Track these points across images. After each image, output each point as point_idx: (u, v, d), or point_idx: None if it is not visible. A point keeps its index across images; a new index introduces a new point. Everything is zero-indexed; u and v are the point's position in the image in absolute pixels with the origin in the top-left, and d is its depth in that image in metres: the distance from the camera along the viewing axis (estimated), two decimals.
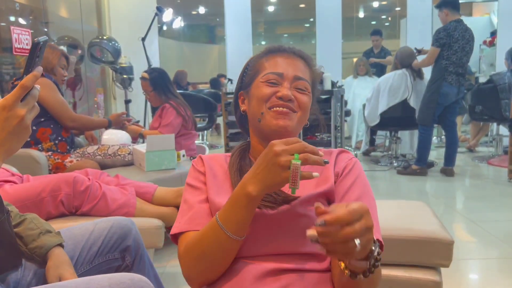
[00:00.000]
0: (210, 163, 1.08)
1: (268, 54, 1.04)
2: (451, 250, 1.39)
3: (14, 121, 0.81)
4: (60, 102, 2.66)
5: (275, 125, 0.96)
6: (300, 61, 1.03)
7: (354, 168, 1.02)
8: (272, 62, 1.02)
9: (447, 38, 4.16)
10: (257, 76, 1.02)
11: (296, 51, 1.05)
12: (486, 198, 3.75)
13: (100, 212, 1.72)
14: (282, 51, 1.04)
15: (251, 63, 1.07)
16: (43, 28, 5.08)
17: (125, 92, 4.96)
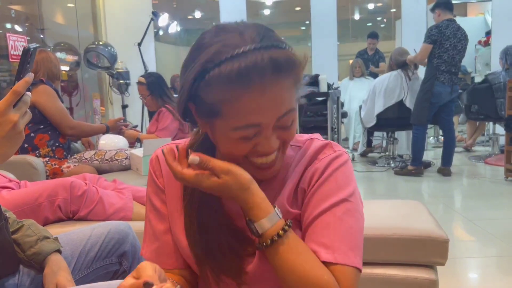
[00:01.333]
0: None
1: (227, 85, 0.66)
2: (447, 249, 1.40)
3: (7, 126, 0.83)
4: (60, 110, 2.67)
5: (259, 177, 0.76)
6: (280, 83, 0.67)
7: (325, 172, 0.78)
8: (240, 105, 0.67)
9: (438, 35, 4.18)
10: (215, 118, 0.70)
11: (272, 69, 0.66)
12: (483, 197, 3.76)
13: (97, 216, 1.73)
14: (248, 80, 0.65)
15: (202, 89, 0.68)
16: (39, 35, 5.09)
17: (122, 97, 4.97)
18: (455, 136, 4.57)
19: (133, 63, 5.03)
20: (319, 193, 0.77)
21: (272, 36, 0.70)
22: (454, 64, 4.23)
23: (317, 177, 0.78)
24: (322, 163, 0.79)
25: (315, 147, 0.82)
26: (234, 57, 0.65)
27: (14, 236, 1.16)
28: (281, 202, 0.79)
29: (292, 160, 0.82)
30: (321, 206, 0.76)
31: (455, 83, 4.28)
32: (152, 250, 0.86)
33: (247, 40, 0.67)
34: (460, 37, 4.22)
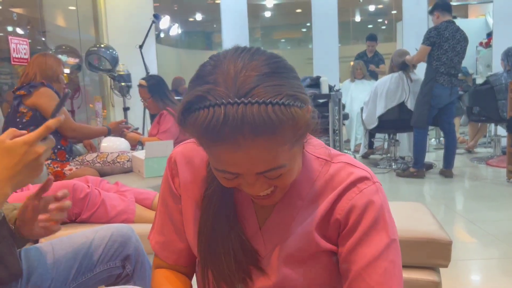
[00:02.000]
0: (190, 155, 0.87)
1: (201, 133, 0.63)
2: (450, 251, 1.40)
3: (32, 156, 0.87)
4: (61, 112, 2.67)
5: (257, 203, 0.77)
6: (260, 144, 0.61)
7: (365, 215, 0.74)
8: (216, 154, 0.65)
9: (437, 37, 4.19)
10: (205, 151, 0.68)
11: (249, 130, 0.60)
12: (485, 199, 3.76)
13: (99, 219, 1.73)
14: (220, 137, 0.61)
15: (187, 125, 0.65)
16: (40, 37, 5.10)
17: (123, 100, 4.98)
18: (456, 137, 4.57)
19: (134, 65, 5.04)
20: (370, 236, 0.74)
21: (257, 87, 0.61)
22: (453, 66, 4.23)
23: (359, 215, 0.74)
24: (363, 196, 0.75)
25: (354, 174, 0.77)
26: (210, 107, 0.60)
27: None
28: (308, 230, 0.77)
29: (316, 175, 0.78)
30: (374, 251, 0.74)
31: (454, 85, 4.27)
32: (159, 242, 0.90)
33: (232, 89, 0.61)
34: (459, 39, 4.22)
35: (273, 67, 0.64)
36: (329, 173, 0.78)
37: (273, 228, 0.79)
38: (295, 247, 0.77)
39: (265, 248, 0.79)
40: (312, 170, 0.79)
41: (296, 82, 0.66)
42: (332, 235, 0.77)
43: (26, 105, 2.60)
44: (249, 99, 0.60)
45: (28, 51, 3.44)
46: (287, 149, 0.65)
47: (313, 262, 0.77)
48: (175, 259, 0.90)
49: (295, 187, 0.78)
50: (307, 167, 0.79)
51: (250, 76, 0.62)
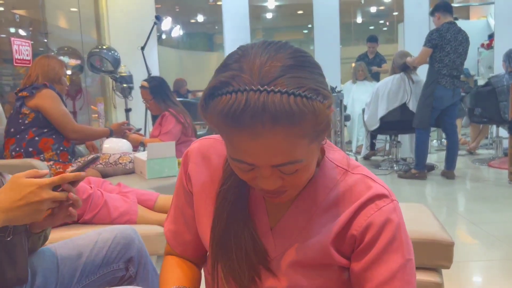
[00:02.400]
0: (206, 151, 0.86)
1: (222, 120, 0.63)
2: (452, 252, 1.40)
3: (35, 198, 0.88)
4: (63, 114, 2.68)
5: (268, 200, 0.78)
6: (278, 134, 0.61)
7: (382, 234, 0.73)
8: (234, 142, 0.64)
9: (439, 39, 4.19)
10: (223, 139, 0.69)
11: (269, 118, 0.60)
12: (487, 200, 3.75)
13: (102, 220, 1.73)
14: (240, 122, 0.61)
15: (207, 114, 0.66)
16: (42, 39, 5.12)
17: (125, 101, 4.99)
18: (458, 139, 4.56)
19: (136, 67, 5.05)
20: (385, 255, 0.73)
21: (280, 76, 0.62)
22: (455, 68, 4.23)
23: (377, 230, 0.73)
24: (382, 214, 0.74)
25: (373, 190, 0.76)
26: (233, 93, 0.61)
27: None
28: (323, 242, 0.76)
29: (334, 183, 0.78)
30: (389, 270, 0.73)
31: (457, 86, 4.27)
32: (170, 230, 0.93)
33: (256, 77, 0.61)
34: (461, 40, 4.21)
35: (299, 60, 0.65)
36: (348, 183, 0.77)
37: (284, 231, 0.78)
38: (309, 256, 0.76)
39: (275, 250, 0.78)
40: (330, 178, 0.78)
41: (320, 78, 0.66)
42: (346, 250, 0.76)
43: (28, 107, 2.61)
44: (272, 87, 0.60)
45: (30, 52, 3.45)
46: (306, 144, 0.64)
47: (324, 273, 0.77)
48: (182, 250, 0.93)
49: (311, 192, 0.77)
50: (326, 174, 0.78)
51: (275, 66, 0.62)
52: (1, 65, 4.39)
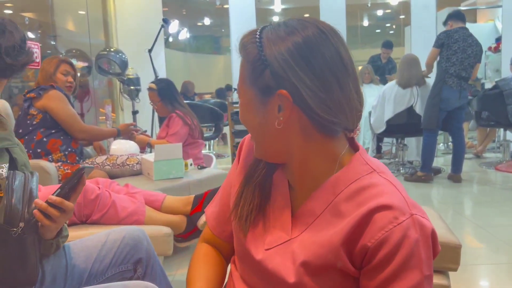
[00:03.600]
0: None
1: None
2: (459, 254, 1.40)
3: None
4: (71, 114, 2.70)
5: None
6: (241, 62, 0.82)
7: (399, 251, 0.69)
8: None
9: (446, 39, 4.22)
10: None
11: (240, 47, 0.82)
12: (494, 204, 3.74)
13: (110, 220, 1.74)
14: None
15: None
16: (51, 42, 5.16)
17: (132, 103, 5.02)
18: (465, 142, 4.55)
19: (143, 69, 5.08)
20: (401, 271, 0.69)
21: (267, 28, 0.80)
22: (463, 68, 4.22)
23: (392, 248, 0.69)
24: (399, 230, 0.69)
25: (391, 195, 0.73)
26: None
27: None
28: (335, 245, 0.73)
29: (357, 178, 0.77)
30: (406, 285, 0.70)
31: (464, 88, 4.25)
32: (213, 212, 0.98)
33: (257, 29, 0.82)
34: (470, 43, 4.22)
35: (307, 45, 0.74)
36: (370, 181, 0.75)
37: (302, 217, 0.80)
38: (316, 254, 0.75)
39: (291, 234, 0.80)
40: (354, 172, 0.78)
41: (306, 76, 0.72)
42: (356, 260, 0.73)
43: (36, 108, 2.64)
44: (255, 34, 0.79)
45: (39, 54, 3.48)
46: (247, 85, 0.78)
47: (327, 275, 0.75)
48: (220, 231, 0.96)
49: (333, 182, 0.78)
50: (353, 167, 0.78)
51: (282, 26, 0.79)
52: None
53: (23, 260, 1.03)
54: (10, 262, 1.01)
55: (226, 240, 0.96)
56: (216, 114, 5.74)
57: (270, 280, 0.79)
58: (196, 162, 3.14)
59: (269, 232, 0.82)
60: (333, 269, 0.74)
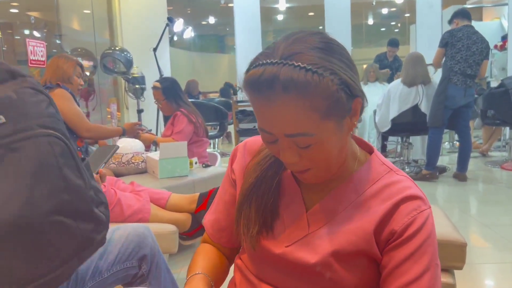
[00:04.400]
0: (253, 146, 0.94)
1: (247, 90, 0.73)
2: (464, 252, 1.40)
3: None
4: (76, 113, 2.71)
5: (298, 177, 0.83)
6: (289, 103, 0.68)
7: (419, 233, 0.77)
8: (255, 110, 0.73)
9: (450, 38, 4.24)
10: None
11: (280, 86, 0.67)
12: (499, 203, 3.72)
13: (115, 218, 1.75)
14: (258, 90, 0.70)
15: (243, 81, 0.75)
16: (56, 41, 5.18)
17: (137, 102, 5.03)
18: (471, 141, 4.52)
19: (148, 68, 5.09)
20: (419, 252, 0.76)
21: (300, 54, 0.69)
22: (469, 66, 4.20)
23: (416, 229, 0.76)
24: (422, 216, 0.77)
25: (411, 190, 0.80)
26: (257, 66, 0.70)
27: None
28: (368, 231, 0.78)
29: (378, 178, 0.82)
30: (418, 268, 0.76)
31: (469, 86, 4.23)
32: (210, 220, 0.99)
33: (276, 53, 0.70)
34: (475, 40, 4.21)
35: (329, 46, 0.72)
36: (392, 179, 0.82)
37: (319, 213, 0.83)
38: (348, 241, 0.79)
39: (308, 228, 0.83)
40: (375, 172, 0.83)
41: (347, 67, 0.72)
42: (382, 245, 0.79)
43: None
44: (287, 61, 0.68)
45: (45, 53, 3.50)
46: (316, 118, 0.69)
47: (356, 261, 0.79)
48: (218, 237, 0.98)
49: (353, 181, 0.82)
50: (372, 168, 0.84)
51: (300, 45, 0.70)
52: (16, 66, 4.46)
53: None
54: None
55: (225, 245, 0.99)
56: (220, 113, 5.74)
57: (292, 271, 0.82)
58: (201, 161, 3.15)
59: (285, 231, 0.84)
60: (363, 254, 0.79)
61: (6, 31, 4.51)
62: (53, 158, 0.81)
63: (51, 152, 0.81)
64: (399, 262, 0.76)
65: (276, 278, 0.85)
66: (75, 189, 0.85)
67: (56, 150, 0.82)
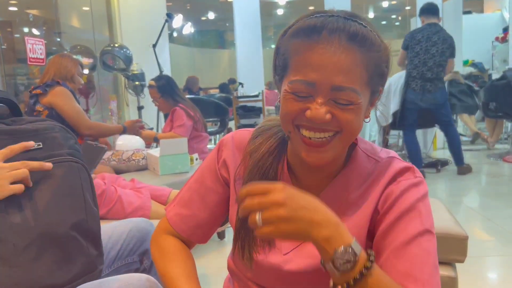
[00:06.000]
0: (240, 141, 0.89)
1: (300, 37, 0.70)
2: (466, 246, 1.39)
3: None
4: (76, 110, 2.71)
5: (305, 158, 0.74)
6: (349, 53, 0.67)
7: (404, 197, 0.75)
8: (303, 58, 0.69)
9: (410, 40, 4.20)
10: (285, 74, 0.74)
11: (346, 35, 0.67)
12: (501, 196, 3.71)
13: (116, 215, 1.75)
14: (321, 38, 0.68)
15: (283, 42, 0.74)
16: (56, 38, 5.17)
17: (137, 99, 5.02)
18: (457, 132, 4.43)
19: (148, 64, 5.07)
20: (401, 221, 0.73)
21: (360, 17, 0.72)
22: (428, 69, 4.12)
23: (392, 201, 0.75)
24: (400, 186, 0.76)
25: (395, 168, 0.78)
26: (316, 17, 0.71)
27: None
28: (360, 226, 0.77)
29: (367, 172, 0.80)
30: (405, 235, 0.72)
31: (428, 90, 4.13)
32: (179, 214, 0.91)
33: (337, 12, 0.72)
34: (435, 41, 4.10)
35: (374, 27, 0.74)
36: (378, 171, 0.79)
37: None
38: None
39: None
40: (362, 167, 0.81)
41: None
42: (371, 230, 0.78)
43: (42, 104, 2.65)
44: (355, 18, 0.71)
45: (44, 51, 3.49)
46: (364, 79, 0.70)
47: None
48: (190, 233, 0.92)
49: (343, 181, 0.80)
50: (360, 164, 0.81)
51: (353, 12, 0.74)
52: (15, 64, 4.45)
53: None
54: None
55: (193, 240, 0.93)
56: (221, 109, 5.73)
57: (291, 278, 0.80)
58: (202, 157, 3.14)
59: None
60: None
61: (5, 29, 4.50)
62: (78, 180, 0.97)
63: (77, 175, 0.97)
64: (383, 234, 0.74)
65: (275, 284, 0.83)
66: (90, 211, 0.98)
67: (81, 176, 0.98)
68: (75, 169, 0.97)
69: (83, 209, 0.96)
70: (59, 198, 0.92)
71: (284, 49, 0.73)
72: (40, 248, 0.87)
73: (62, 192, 0.93)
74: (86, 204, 0.97)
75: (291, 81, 0.70)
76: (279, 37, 0.75)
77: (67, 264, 0.92)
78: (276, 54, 0.77)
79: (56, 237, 0.89)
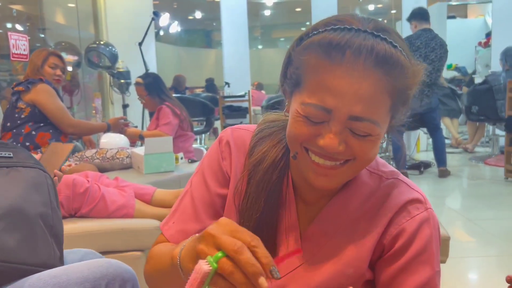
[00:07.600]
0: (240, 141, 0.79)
1: (319, 53, 0.61)
2: (447, 246, 1.41)
3: None
4: (59, 108, 2.67)
5: (313, 181, 0.67)
6: (374, 80, 0.59)
7: (418, 237, 0.70)
8: (321, 80, 0.61)
9: (408, 47, 4.16)
10: (297, 90, 0.65)
11: (373, 59, 0.59)
12: (483, 197, 3.77)
13: (99, 213, 1.73)
14: (344, 60, 0.59)
15: (297, 52, 0.65)
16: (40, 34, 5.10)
17: (122, 97, 4.98)
18: (443, 137, 4.51)
19: (134, 63, 5.03)
20: (413, 264, 0.69)
21: (390, 33, 0.63)
22: (427, 75, 4.16)
23: (406, 241, 0.70)
24: (413, 223, 0.71)
25: (404, 196, 0.73)
26: (338, 29, 0.61)
27: None
28: (361, 258, 0.72)
29: (369, 190, 0.74)
30: (418, 281, 0.69)
31: (427, 95, 4.17)
32: (181, 230, 0.77)
33: (360, 22, 0.62)
34: (434, 47, 4.13)
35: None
36: (383, 191, 0.74)
37: (313, 237, 0.75)
38: (341, 273, 0.72)
39: (302, 259, 0.75)
40: (365, 185, 0.75)
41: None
42: (373, 260, 0.73)
43: (24, 101, 2.61)
44: (380, 33, 0.61)
45: (27, 47, 3.43)
46: (387, 107, 0.63)
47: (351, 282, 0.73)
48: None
49: (345, 198, 0.74)
50: (361, 180, 0.75)
51: (378, 21, 0.64)
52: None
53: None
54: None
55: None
56: (207, 108, 5.72)
57: None
58: (187, 156, 3.13)
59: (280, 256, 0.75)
60: (359, 281, 0.73)
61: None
62: (45, 184, 1.01)
63: (44, 179, 1.01)
64: (394, 274, 0.70)
65: None
66: (56, 212, 1.00)
67: (48, 181, 1.02)
68: (42, 175, 1.02)
69: (49, 206, 0.99)
70: (29, 186, 0.96)
71: (298, 61, 0.64)
72: (10, 223, 0.89)
73: (32, 185, 0.97)
74: (52, 204, 1.00)
75: (305, 103, 0.62)
76: (293, 44, 0.66)
77: (34, 248, 0.92)
78: (287, 63, 0.68)
79: (25, 216, 0.91)
